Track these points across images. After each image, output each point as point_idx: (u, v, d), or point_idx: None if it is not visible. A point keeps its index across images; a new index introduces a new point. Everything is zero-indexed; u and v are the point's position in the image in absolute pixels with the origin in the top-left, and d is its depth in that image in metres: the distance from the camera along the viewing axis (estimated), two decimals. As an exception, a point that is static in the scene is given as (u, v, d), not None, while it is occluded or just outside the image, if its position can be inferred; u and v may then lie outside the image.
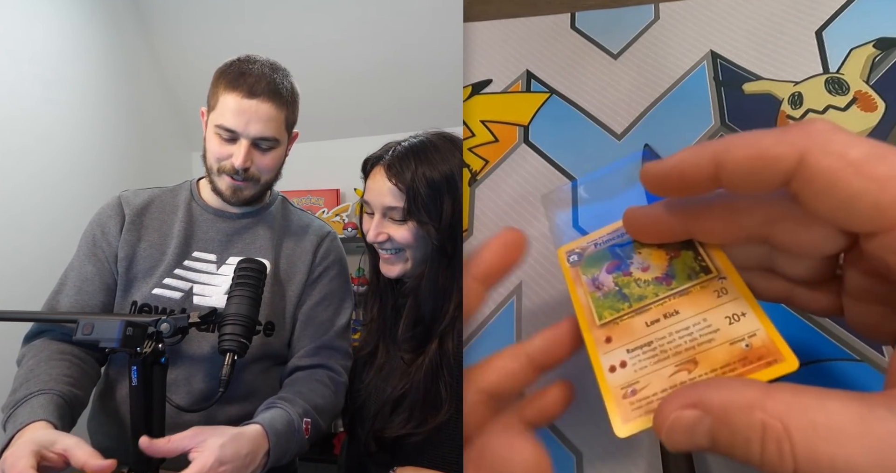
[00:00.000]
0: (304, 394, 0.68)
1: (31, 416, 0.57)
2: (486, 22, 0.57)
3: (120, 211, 0.76)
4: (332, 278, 0.79)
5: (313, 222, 0.84)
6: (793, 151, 0.23)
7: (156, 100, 2.04)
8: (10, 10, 1.51)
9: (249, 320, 0.60)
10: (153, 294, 0.72)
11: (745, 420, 0.21)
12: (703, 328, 0.27)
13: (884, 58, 0.46)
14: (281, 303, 0.75)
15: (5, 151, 1.47)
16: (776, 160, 0.23)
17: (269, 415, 0.63)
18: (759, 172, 0.24)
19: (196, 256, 0.75)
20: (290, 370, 0.75)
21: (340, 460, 0.77)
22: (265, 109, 0.70)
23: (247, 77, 0.70)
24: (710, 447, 0.22)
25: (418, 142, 0.67)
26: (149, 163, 1.91)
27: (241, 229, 0.77)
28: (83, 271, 0.74)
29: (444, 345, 0.64)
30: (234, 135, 0.71)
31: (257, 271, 0.62)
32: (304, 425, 0.65)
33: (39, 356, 0.66)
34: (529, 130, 0.52)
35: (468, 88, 0.55)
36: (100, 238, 0.75)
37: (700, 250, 0.30)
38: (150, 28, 1.98)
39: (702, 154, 0.26)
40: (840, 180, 0.22)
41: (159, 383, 0.57)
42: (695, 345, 0.27)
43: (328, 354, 0.75)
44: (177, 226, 0.76)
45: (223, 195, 0.75)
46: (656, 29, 0.53)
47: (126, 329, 0.54)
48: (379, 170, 0.67)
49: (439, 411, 0.62)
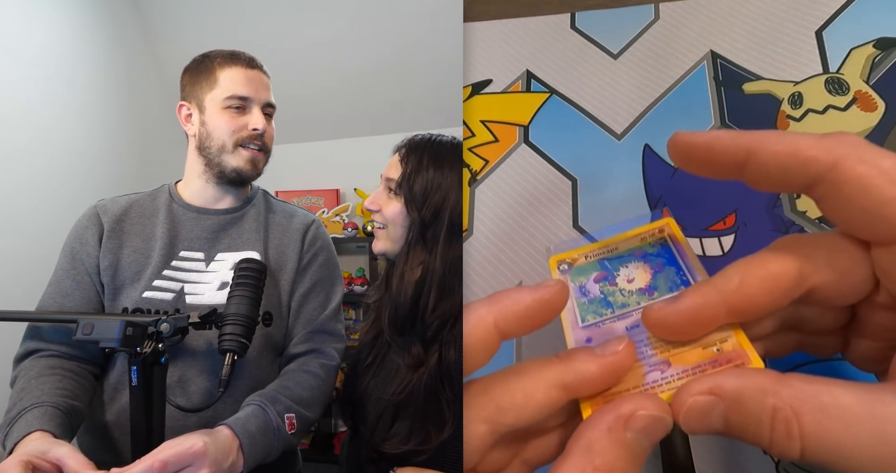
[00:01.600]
0: (289, 388, 0.68)
1: (27, 428, 0.56)
2: (486, 22, 0.57)
3: (97, 221, 0.75)
4: (320, 265, 0.80)
5: (297, 211, 0.85)
6: (827, 156, 0.24)
7: (156, 100, 2.04)
8: (10, 10, 1.51)
9: (249, 320, 0.60)
10: (144, 298, 0.71)
11: (758, 403, 0.22)
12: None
13: (884, 58, 0.45)
14: (275, 293, 0.76)
15: (5, 151, 1.47)
16: (810, 161, 0.24)
17: (242, 415, 0.62)
18: (791, 169, 0.25)
19: (183, 255, 0.75)
20: (286, 358, 0.76)
21: (341, 459, 0.77)
22: (264, 79, 0.77)
23: (237, 54, 0.76)
24: (723, 430, 0.23)
25: (439, 139, 0.70)
26: (149, 163, 1.91)
27: (226, 225, 0.77)
28: (63, 286, 0.73)
29: (444, 359, 0.62)
30: (247, 103, 0.75)
31: (257, 271, 0.63)
32: (287, 420, 0.65)
33: (29, 374, 0.65)
34: (529, 130, 0.52)
35: (468, 88, 0.55)
36: (79, 250, 0.74)
37: (682, 267, 0.32)
38: (150, 28, 1.98)
39: (737, 138, 0.26)
40: (872, 187, 0.23)
41: (159, 383, 0.57)
42: (669, 348, 0.28)
43: (321, 338, 0.76)
44: (159, 228, 0.75)
45: (241, 171, 0.76)
46: (656, 29, 0.53)
47: (126, 329, 0.54)
48: (401, 151, 0.71)
49: (441, 429, 0.61)
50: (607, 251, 0.35)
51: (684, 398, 0.24)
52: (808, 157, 0.24)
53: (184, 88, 0.78)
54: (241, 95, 0.75)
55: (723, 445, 0.37)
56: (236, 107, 0.75)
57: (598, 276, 0.34)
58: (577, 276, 0.34)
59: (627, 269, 0.33)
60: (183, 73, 0.78)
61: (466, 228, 0.49)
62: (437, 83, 1.56)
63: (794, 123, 0.45)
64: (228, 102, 0.74)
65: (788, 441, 0.22)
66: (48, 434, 0.56)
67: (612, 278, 0.33)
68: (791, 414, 0.21)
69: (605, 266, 0.34)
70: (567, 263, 0.36)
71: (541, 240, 0.46)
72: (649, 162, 0.47)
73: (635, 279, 0.33)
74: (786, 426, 0.21)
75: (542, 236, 0.46)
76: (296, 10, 1.80)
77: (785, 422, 0.22)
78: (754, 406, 0.22)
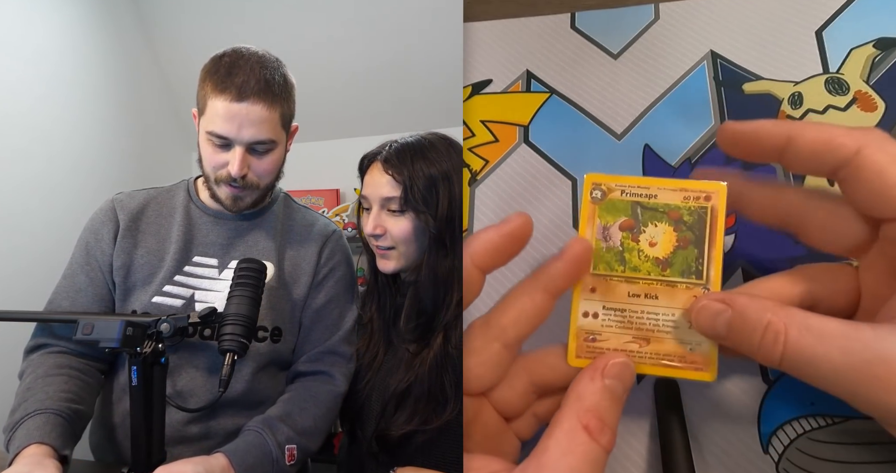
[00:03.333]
0: (293, 416, 0.66)
1: (27, 439, 0.56)
2: (486, 22, 0.57)
3: (113, 216, 0.73)
4: (337, 280, 0.76)
5: (318, 220, 0.80)
6: (854, 143, 0.28)
7: (156, 100, 2.04)
8: (9, 10, 1.51)
9: (249, 320, 0.60)
10: (153, 303, 0.69)
11: (757, 316, 0.28)
12: (668, 319, 0.32)
13: (884, 58, 0.46)
14: (287, 307, 0.73)
15: (5, 151, 1.47)
16: (840, 147, 0.29)
17: (241, 444, 0.60)
18: (824, 153, 0.29)
19: (196, 261, 0.72)
20: (292, 375, 0.73)
21: (340, 459, 0.77)
22: (257, 111, 0.65)
23: (234, 77, 0.65)
24: (725, 333, 0.29)
25: (415, 141, 0.67)
26: (148, 163, 1.91)
27: (242, 232, 0.74)
28: (76, 282, 0.71)
29: (448, 340, 0.63)
30: (227, 141, 0.66)
31: (257, 271, 0.62)
32: (288, 452, 0.62)
33: (37, 373, 0.65)
34: (529, 130, 0.52)
35: (468, 88, 0.55)
36: (93, 246, 0.72)
37: (703, 253, 0.33)
38: (150, 28, 1.97)
39: (779, 126, 0.31)
40: (886, 172, 0.28)
41: (159, 383, 0.56)
42: (654, 329, 0.33)
43: (331, 360, 0.72)
44: (175, 230, 0.72)
45: (224, 205, 0.72)
46: (656, 29, 0.53)
47: (126, 329, 0.53)
48: (376, 165, 0.67)
49: (445, 408, 0.62)
50: (646, 195, 0.34)
51: (701, 302, 0.31)
52: (839, 143, 0.29)
53: (197, 91, 0.71)
54: (218, 134, 0.66)
55: (722, 445, 0.37)
56: (217, 143, 0.67)
57: (624, 223, 0.34)
58: (605, 213, 0.34)
59: (656, 228, 0.33)
60: (201, 72, 0.70)
61: (466, 228, 0.49)
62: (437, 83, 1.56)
63: (794, 123, 0.45)
64: (209, 137, 0.67)
65: (773, 347, 0.27)
66: (45, 448, 0.56)
67: (637, 232, 0.33)
68: (781, 328, 0.27)
69: (636, 213, 0.34)
70: (602, 190, 0.34)
71: (541, 240, 0.46)
72: (649, 162, 0.47)
73: (657, 245, 0.33)
74: (774, 336, 0.27)
75: (542, 236, 0.46)
76: (296, 10, 1.80)
77: (774, 333, 0.27)
78: (754, 317, 0.28)
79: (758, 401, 0.37)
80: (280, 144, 0.71)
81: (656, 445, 0.37)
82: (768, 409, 0.37)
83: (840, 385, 0.26)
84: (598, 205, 0.34)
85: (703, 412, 0.38)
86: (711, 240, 0.33)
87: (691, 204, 0.33)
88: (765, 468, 0.36)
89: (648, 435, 0.38)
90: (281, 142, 0.71)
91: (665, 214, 0.33)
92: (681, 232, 0.33)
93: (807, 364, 0.26)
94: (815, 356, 0.26)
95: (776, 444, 0.36)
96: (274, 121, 0.68)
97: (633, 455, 0.38)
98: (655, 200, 0.33)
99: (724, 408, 0.38)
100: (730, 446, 0.37)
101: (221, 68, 0.66)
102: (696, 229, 0.33)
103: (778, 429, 0.36)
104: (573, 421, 0.28)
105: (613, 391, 0.29)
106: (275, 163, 0.71)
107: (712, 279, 0.32)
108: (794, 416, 0.36)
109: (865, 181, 0.28)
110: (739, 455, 0.36)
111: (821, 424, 0.36)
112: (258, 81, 0.65)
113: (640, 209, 0.33)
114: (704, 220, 0.33)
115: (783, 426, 0.36)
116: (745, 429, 0.37)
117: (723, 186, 0.33)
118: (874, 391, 0.25)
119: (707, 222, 0.33)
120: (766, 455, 0.36)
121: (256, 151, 0.68)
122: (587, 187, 0.34)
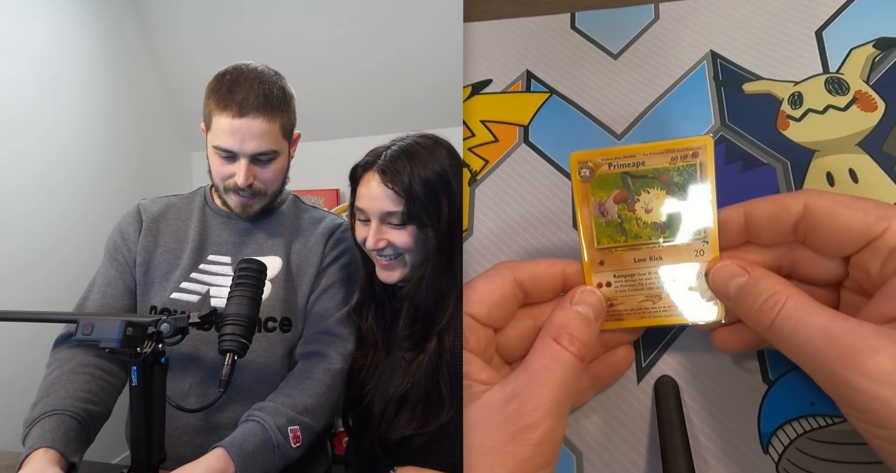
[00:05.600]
0: (293, 397, 0.67)
1: (39, 441, 0.58)
2: (486, 22, 0.57)
3: (138, 218, 0.79)
4: (340, 267, 0.80)
5: (325, 216, 0.85)
6: (798, 199, 0.32)
7: (156, 100, 2.04)
8: (10, 10, 1.50)
9: (249, 320, 0.60)
10: (171, 299, 0.74)
11: (767, 286, 0.31)
12: (675, 274, 0.35)
13: (884, 58, 0.45)
14: (294, 298, 0.77)
15: (5, 151, 1.47)
16: (790, 206, 0.32)
17: (239, 435, 0.61)
18: (778, 215, 0.32)
19: (211, 259, 0.77)
20: (294, 359, 0.76)
21: (348, 458, 0.77)
22: (258, 125, 0.70)
23: (235, 95, 0.69)
24: (733, 296, 0.32)
25: (406, 145, 0.67)
26: (148, 163, 1.91)
27: (253, 231, 0.79)
28: (108, 275, 0.77)
29: (442, 344, 0.64)
30: (232, 154, 0.72)
31: (257, 272, 0.62)
32: (291, 434, 0.63)
33: (62, 368, 0.67)
34: (529, 130, 0.52)
35: (468, 88, 0.55)
36: (120, 244, 0.78)
37: (700, 209, 0.34)
38: (150, 28, 1.97)
39: (735, 210, 0.34)
40: (837, 213, 0.31)
41: (159, 383, 0.56)
42: (664, 286, 0.35)
43: (327, 340, 0.74)
44: (191, 231, 0.78)
45: (234, 212, 0.78)
46: (656, 29, 0.53)
47: (126, 329, 0.53)
48: (372, 176, 0.66)
49: (441, 410, 0.62)
50: (633, 164, 0.34)
51: (725, 261, 0.33)
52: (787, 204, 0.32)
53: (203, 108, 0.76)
54: (224, 148, 0.71)
55: (722, 445, 0.37)
56: (224, 156, 0.72)
57: (618, 196, 0.34)
58: (597, 189, 0.34)
59: (649, 195, 0.34)
60: (205, 90, 0.75)
61: (466, 228, 0.49)
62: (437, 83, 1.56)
63: (794, 123, 0.45)
64: (216, 151, 0.72)
65: (768, 312, 0.30)
66: (53, 454, 0.57)
67: (631, 202, 0.34)
68: (783, 298, 0.30)
69: (627, 183, 0.34)
70: (589, 167, 0.34)
71: (541, 240, 0.46)
72: (649, 162, 0.47)
73: (653, 210, 0.34)
74: (772, 304, 0.30)
75: (542, 236, 0.46)
76: (296, 11, 1.80)
77: (773, 301, 0.30)
78: (765, 286, 0.31)
79: (758, 401, 0.37)
80: (282, 153, 0.76)
81: (656, 445, 0.37)
82: (768, 409, 0.37)
83: (811, 358, 0.28)
84: (589, 183, 0.34)
85: (703, 413, 0.38)
86: (704, 195, 0.33)
87: (679, 164, 0.33)
88: (765, 468, 0.36)
89: (648, 435, 0.38)
90: (283, 151, 0.76)
91: (655, 179, 0.34)
92: (673, 192, 0.34)
93: (790, 332, 0.29)
94: (797, 325, 0.29)
95: (776, 444, 0.36)
96: (274, 132, 0.73)
97: (633, 455, 0.38)
98: (644, 167, 0.34)
99: (724, 408, 0.38)
100: (730, 446, 0.37)
101: (223, 86, 0.71)
102: (688, 187, 0.33)
103: (778, 429, 0.36)
104: (546, 338, 0.32)
105: (582, 314, 0.33)
106: (279, 171, 0.76)
107: (710, 233, 0.34)
108: (794, 416, 0.36)
109: (821, 227, 0.31)
110: (739, 455, 0.36)
111: (821, 424, 0.36)
112: (257, 96, 0.70)
113: (631, 179, 0.34)
114: (695, 176, 0.33)
115: (783, 426, 0.36)
116: (745, 429, 0.37)
117: (708, 139, 0.33)
118: (841, 368, 0.27)
119: (698, 178, 0.33)
120: (766, 455, 0.36)
121: (260, 161, 0.73)
122: (574, 166, 0.35)
